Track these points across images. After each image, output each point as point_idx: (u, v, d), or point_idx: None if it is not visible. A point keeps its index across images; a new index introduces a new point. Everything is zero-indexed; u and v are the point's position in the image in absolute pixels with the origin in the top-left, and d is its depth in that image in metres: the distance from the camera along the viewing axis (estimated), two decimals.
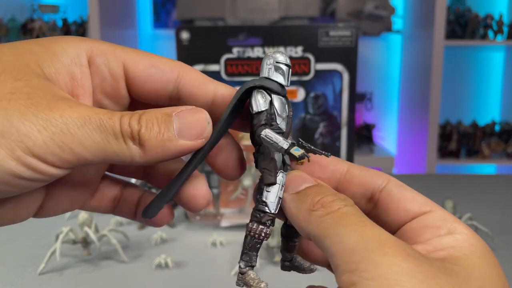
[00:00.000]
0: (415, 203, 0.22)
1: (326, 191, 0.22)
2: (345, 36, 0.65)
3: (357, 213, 0.20)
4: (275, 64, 0.23)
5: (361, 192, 0.24)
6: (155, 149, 0.20)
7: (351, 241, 0.18)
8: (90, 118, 0.19)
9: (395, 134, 2.22)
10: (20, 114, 0.18)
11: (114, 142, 0.20)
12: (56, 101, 0.19)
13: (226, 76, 0.66)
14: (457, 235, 0.21)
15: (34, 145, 0.18)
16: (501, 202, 0.80)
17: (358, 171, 0.24)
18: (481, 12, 1.91)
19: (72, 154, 0.19)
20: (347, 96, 0.67)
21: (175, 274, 0.53)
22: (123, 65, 0.24)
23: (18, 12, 1.86)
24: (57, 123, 0.19)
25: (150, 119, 0.21)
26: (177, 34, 0.65)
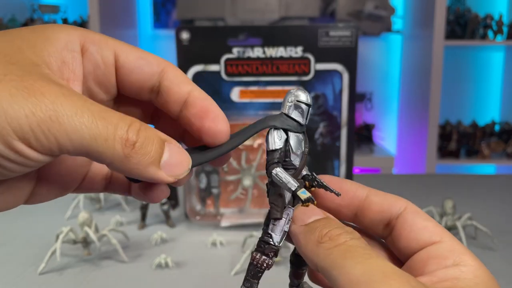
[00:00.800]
0: (426, 232, 0.23)
1: (334, 224, 0.22)
2: (345, 36, 0.66)
3: (362, 245, 0.21)
4: (296, 103, 0.25)
5: (379, 218, 0.25)
6: (137, 165, 0.21)
7: (356, 273, 0.19)
8: (82, 112, 0.19)
9: (395, 134, 2.22)
10: (11, 97, 0.18)
11: (101, 142, 0.20)
12: (50, 85, 0.19)
13: (226, 76, 0.66)
14: (462, 266, 0.21)
15: (20, 129, 0.18)
16: (501, 202, 0.80)
17: (377, 198, 0.25)
18: (481, 12, 1.91)
19: (55, 143, 0.19)
20: (347, 96, 0.67)
21: (175, 274, 0.53)
22: (114, 53, 0.24)
23: (18, 12, 1.86)
24: (47, 109, 0.18)
25: (149, 138, 0.21)
26: (177, 34, 0.65)
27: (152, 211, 0.71)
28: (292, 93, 0.25)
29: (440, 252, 0.22)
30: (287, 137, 0.25)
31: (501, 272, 0.54)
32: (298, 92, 0.25)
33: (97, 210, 0.74)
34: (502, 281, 0.52)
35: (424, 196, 0.82)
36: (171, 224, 0.67)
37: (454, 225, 0.60)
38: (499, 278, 0.53)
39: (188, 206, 0.69)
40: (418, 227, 0.23)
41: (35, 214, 0.71)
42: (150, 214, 0.70)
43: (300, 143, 0.25)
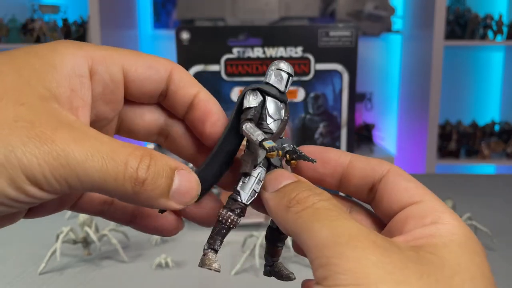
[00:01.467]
0: (406, 193, 0.22)
1: (303, 186, 0.22)
2: (345, 36, 0.66)
3: (330, 207, 0.20)
4: (276, 71, 0.25)
5: (363, 184, 0.24)
6: (146, 199, 0.21)
7: (323, 235, 0.19)
8: (92, 156, 0.20)
9: (394, 134, 2.22)
10: (23, 146, 0.19)
11: (111, 182, 0.20)
12: (60, 130, 0.20)
13: (226, 76, 0.66)
14: (440, 224, 0.21)
15: (32, 177, 0.19)
16: (500, 202, 0.81)
17: (360, 163, 0.25)
18: (480, 12, 1.91)
19: (66, 186, 0.20)
20: (347, 96, 0.67)
21: (175, 274, 0.53)
22: (122, 69, 0.24)
23: (18, 12, 1.86)
24: (59, 157, 0.19)
25: (158, 172, 0.21)
26: (177, 34, 0.65)
27: None
28: (274, 63, 0.25)
29: (419, 211, 0.21)
30: (264, 100, 0.25)
31: (501, 272, 0.54)
32: (280, 62, 0.25)
33: None
34: (502, 281, 0.52)
35: None
36: None
37: None
38: (499, 278, 0.53)
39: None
40: (399, 189, 0.23)
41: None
42: None
43: (279, 110, 0.25)
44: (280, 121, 0.25)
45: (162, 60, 0.25)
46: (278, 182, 0.23)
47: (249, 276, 0.53)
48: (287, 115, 0.25)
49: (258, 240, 0.54)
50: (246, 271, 0.54)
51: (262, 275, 0.53)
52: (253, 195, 0.24)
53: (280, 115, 0.25)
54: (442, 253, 0.19)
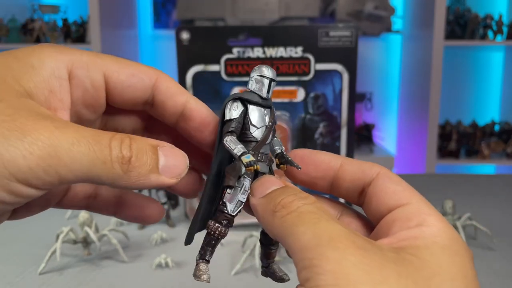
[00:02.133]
0: (394, 195, 0.23)
1: (289, 191, 0.22)
2: (345, 36, 0.66)
3: (314, 210, 0.21)
4: (257, 77, 0.25)
5: (353, 186, 0.25)
6: (138, 178, 0.21)
7: (306, 238, 0.19)
8: (78, 141, 0.19)
9: (394, 134, 2.22)
10: (4, 139, 0.18)
11: (100, 166, 0.20)
12: (42, 120, 0.19)
13: (226, 76, 0.66)
14: (424, 227, 0.21)
15: (18, 171, 0.18)
16: (500, 202, 0.81)
17: (350, 166, 0.25)
18: (480, 12, 1.91)
19: (56, 177, 0.19)
20: (347, 96, 0.67)
21: (175, 274, 0.53)
22: (104, 75, 0.24)
23: (18, 12, 1.86)
24: (44, 146, 0.18)
25: (141, 149, 0.21)
26: (177, 34, 0.65)
27: None
28: (255, 69, 0.25)
29: (405, 214, 0.22)
30: (246, 110, 0.24)
31: (501, 272, 0.54)
32: (261, 67, 0.25)
33: None
34: (502, 281, 0.52)
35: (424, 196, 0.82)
36: (171, 224, 0.67)
37: (454, 225, 0.60)
38: (499, 278, 0.53)
39: (188, 206, 0.69)
40: (387, 191, 0.23)
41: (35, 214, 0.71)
42: None
43: (263, 117, 0.25)
44: (264, 128, 0.25)
45: (147, 68, 0.25)
46: (265, 188, 0.23)
47: (249, 276, 0.53)
48: (272, 120, 0.25)
49: (258, 240, 0.54)
50: (246, 271, 0.54)
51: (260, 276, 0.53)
52: (240, 206, 0.24)
53: (264, 122, 0.25)
54: (423, 255, 0.19)
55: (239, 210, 0.24)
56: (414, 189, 0.23)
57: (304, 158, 0.25)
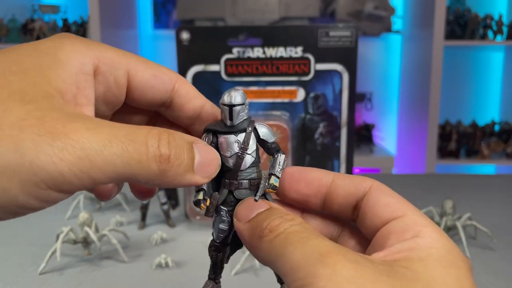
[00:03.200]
0: (388, 208, 0.22)
1: (275, 214, 0.22)
2: (345, 37, 0.66)
3: (301, 230, 0.20)
4: (220, 106, 0.25)
5: (346, 202, 0.24)
6: (174, 177, 0.21)
7: (295, 258, 0.19)
8: (110, 142, 0.18)
9: (394, 134, 2.22)
10: (34, 145, 0.17)
11: (136, 166, 0.19)
12: (72, 122, 0.18)
13: (226, 76, 0.66)
14: (419, 238, 0.20)
15: (49, 178, 0.17)
16: (501, 202, 0.81)
17: (342, 181, 0.24)
18: (480, 12, 1.91)
19: (89, 180, 0.18)
20: (347, 96, 0.67)
21: (175, 274, 0.53)
22: (127, 74, 0.24)
23: (18, 12, 1.86)
24: (75, 149, 0.18)
25: (179, 146, 0.21)
26: (177, 34, 0.65)
27: (152, 211, 0.71)
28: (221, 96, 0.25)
29: (400, 226, 0.21)
30: (216, 141, 0.25)
31: (501, 272, 0.54)
32: (224, 94, 0.25)
33: (97, 210, 0.74)
34: (502, 281, 0.52)
35: (424, 196, 0.82)
36: (171, 224, 0.67)
37: (454, 225, 0.60)
38: (499, 278, 0.53)
39: (188, 206, 0.69)
40: (380, 204, 0.22)
41: (35, 214, 0.71)
42: (150, 214, 0.70)
43: (231, 145, 0.24)
44: (235, 156, 0.24)
45: (168, 71, 0.25)
46: (249, 211, 0.23)
47: (249, 276, 0.53)
48: (244, 146, 0.24)
49: None
50: (246, 271, 0.54)
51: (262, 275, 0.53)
52: (223, 233, 0.25)
53: (232, 150, 0.24)
54: (416, 267, 0.19)
55: (224, 237, 0.25)
56: (407, 201, 0.23)
57: (294, 176, 0.25)
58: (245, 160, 0.25)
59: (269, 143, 0.25)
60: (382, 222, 0.22)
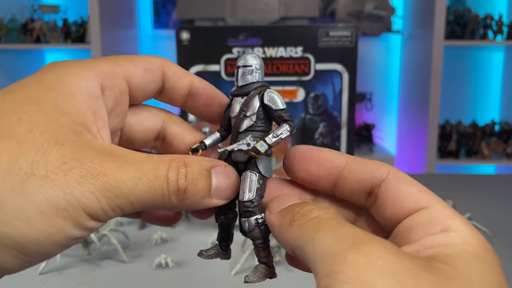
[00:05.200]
0: (411, 198, 0.21)
1: (308, 204, 0.22)
2: (345, 36, 0.66)
3: (335, 217, 0.20)
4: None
5: (359, 187, 0.23)
6: (191, 204, 0.22)
7: (327, 243, 0.18)
8: (139, 179, 0.21)
9: (394, 134, 2.22)
10: (80, 185, 0.19)
11: (160, 200, 0.21)
12: (106, 162, 0.20)
13: (226, 76, 0.66)
14: (451, 233, 0.19)
15: (93, 212, 0.20)
16: (501, 202, 0.81)
17: (356, 165, 0.23)
18: (480, 12, 1.91)
19: (120, 212, 0.21)
20: (347, 96, 0.67)
21: (175, 274, 0.53)
22: (125, 79, 0.25)
23: (18, 12, 1.86)
24: (112, 188, 0.20)
25: (196, 176, 0.22)
26: (177, 34, 0.65)
27: None
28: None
29: (427, 218, 0.20)
30: (229, 103, 0.26)
31: None
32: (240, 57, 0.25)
33: None
34: None
35: None
36: None
37: None
38: None
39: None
40: (402, 194, 0.21)
41: None
42: None
43: (236, 106, 0.25)
44: (235, 117, 0.25)
45: (153, 58, 0.26)
46: (283, 203, 0.23)
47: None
48: (244, 108, 0.24)
49: None
50: (246, 271, 0.54)
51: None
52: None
53: (234, 112, 0.25)
54: (456, 264, 0.18)
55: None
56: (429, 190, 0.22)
57: (306, 156, 0.24)
58: (243, 122, 0.24)
59: (273, 110, 0.24)
60: (405, 213, 0.21)
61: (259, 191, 0.24)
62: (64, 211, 0.19)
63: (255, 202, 0.24)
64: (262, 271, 0.24)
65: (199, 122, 0.67)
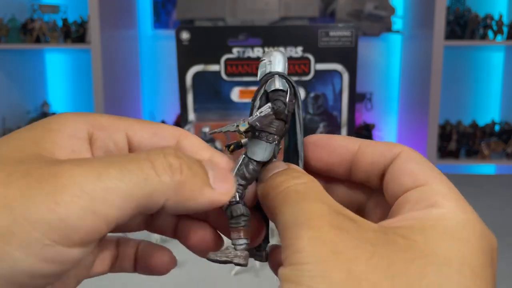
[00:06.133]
0: (410, 176, 0.21)
1: (286, 173, 0.21)
2: (345, 36, 0.66)
3: (301, 190, 0.20)
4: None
5: (373, 170, 0.23)
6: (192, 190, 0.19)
7: (286, 218, 0.19)
8: (105, 168, 0.17)
9: (394, 134, 2.22)
10: (23, 197, 0.15)
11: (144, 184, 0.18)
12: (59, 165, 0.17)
13: (226, 76, 0.66)
14: (434, 209, 0.19)
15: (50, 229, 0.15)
16: (500, 202, 0.81)
17: (369, 148, 0.23)
18: (480, 12, 1.91)
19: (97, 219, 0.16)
20: (347, 96, 0.67)
21: (175, 274, 0.53)
22: (126, 135, 0.23)
23: (18, 12, 1.86)
24: (67, 188, 0.16)
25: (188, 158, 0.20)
26: (177, 34, 0.65)
27: None
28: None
29: (418, 195, 0.20)
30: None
31: (501, 272, 0.54)
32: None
33: None
34: (502, 281, 0.52)
35: None
36: None
37: None
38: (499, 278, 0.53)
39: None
40: (404, 172, 0.21)
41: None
42: None
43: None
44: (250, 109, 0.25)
45: (169, 127, 0.24)
46: (268, 172, 0.23)
47: (249, 276, 0.52)
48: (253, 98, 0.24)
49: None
50: (246, 271, 0.54)
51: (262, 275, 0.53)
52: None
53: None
54: (414, 236, 0.17)
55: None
56: (438, 169, 0.21)
57: (317, 144, 0.24)
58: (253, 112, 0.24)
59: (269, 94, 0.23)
60: (403, 191, 0.20)
61: (240, 171, 0.23)
62: (8, 234, 0.15)
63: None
64: (228, 253, 0.23)
65: (199, 122, 0.67)
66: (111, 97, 1.79)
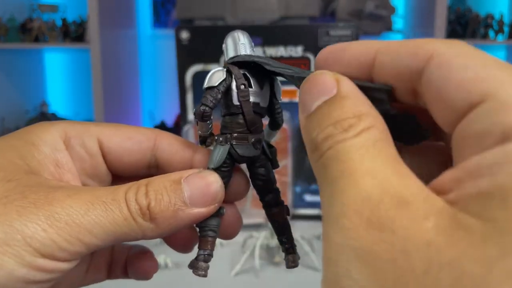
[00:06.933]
0: (461, 92, 0.13)
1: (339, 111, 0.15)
2: (345, 36, 0.65)
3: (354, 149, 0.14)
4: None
5: (400, 84, 0.16)
6: (167, 221, 0.20)
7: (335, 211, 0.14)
8: (92, 204, 0.19)
9: None
10: (20, 216, 0.17)
11: (123, 223, 0.19)
12: (54, 192, 0.19)
13: None
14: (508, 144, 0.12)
15: (42, 245, 0.18)
16: None
17: (387, 57, 0.16)
18: (481, 12, 1.90)
19: (81, 245, 0.18)
20: None
21: (174, 274, 0.53)
22: (97, 141, 0.23)
23: (17, 12, 1.86)
24: (60, 216, 0.18)
25: (158, 190, 0.20)
26: (177, 33, 0.65)
27: None
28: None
29: (480, 120, 0.13)
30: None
31: None
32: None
33: None
34: None
35: None
36: None
37: None
38: None
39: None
40: (449, 87, 0.14)
41: None
42: None
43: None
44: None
45: (145, 130, 0.24)
46: (311, 99, 0.16)
47: (249, 276, 0.52)
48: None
49: (258, 241, 0.54)
50: (246, 271, 0.53)
51: (262, 276, 0.53)
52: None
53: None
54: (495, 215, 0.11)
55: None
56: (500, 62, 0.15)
57: (328, 61, 0.18)
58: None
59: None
60: (456, 116, 0.14)
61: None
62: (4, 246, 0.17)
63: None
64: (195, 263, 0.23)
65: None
66: (110, 96, 1.79)
